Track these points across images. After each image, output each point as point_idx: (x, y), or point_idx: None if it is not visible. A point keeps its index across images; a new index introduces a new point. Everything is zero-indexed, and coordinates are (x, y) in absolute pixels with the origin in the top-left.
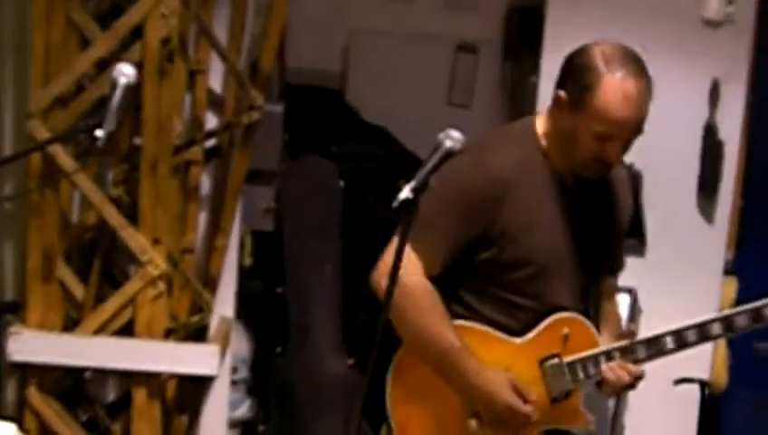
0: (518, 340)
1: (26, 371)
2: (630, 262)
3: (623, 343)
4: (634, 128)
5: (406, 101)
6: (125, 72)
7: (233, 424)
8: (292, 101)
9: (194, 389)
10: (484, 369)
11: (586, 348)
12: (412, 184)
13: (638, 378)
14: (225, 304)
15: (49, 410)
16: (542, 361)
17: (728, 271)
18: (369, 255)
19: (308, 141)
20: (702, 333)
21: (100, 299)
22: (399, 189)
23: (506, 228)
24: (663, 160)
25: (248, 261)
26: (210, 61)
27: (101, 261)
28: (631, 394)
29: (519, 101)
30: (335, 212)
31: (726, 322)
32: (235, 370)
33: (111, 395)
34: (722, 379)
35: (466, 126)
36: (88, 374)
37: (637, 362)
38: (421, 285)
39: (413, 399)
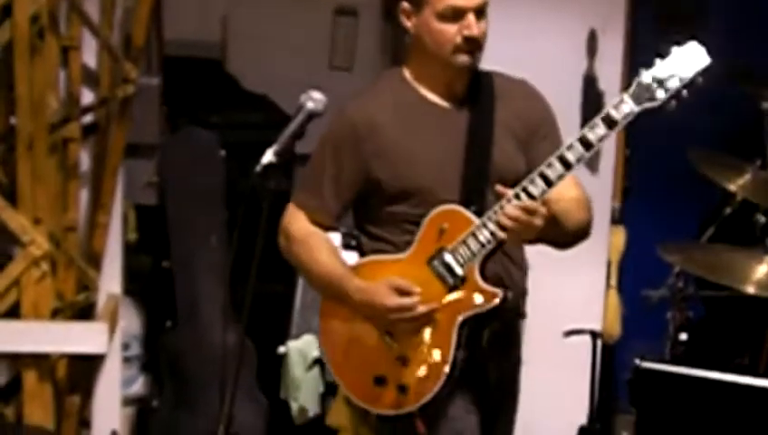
0: (405, 253)
1: None
2: None
3: (493, 208)
4: None
5: (287, 67)
6: None
7: (128, 401)
8: (171, 73)
9: (85, 368)
10: (364, 285)
11: (464, 231)
12: (275, 148)
13: (535, 212)
14: (111, 280)
15: None
16: (429, 261)
17: (616, 220)
18: (254, 224)
19: (188, 113)
20: (585, 141)
21: None
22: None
23: (384, 166)
24: None
25: (133, 236)
26: (83, 36)
27: None
28: (524, 349)
29: (401, 61)
30: (218, 182)
31: (607, 118)
32: (126, 346)
33: (1, 379)
34: (614, 329)
35: (349, 89)
36: None
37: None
38: (304, 230)
39: (340, 336)
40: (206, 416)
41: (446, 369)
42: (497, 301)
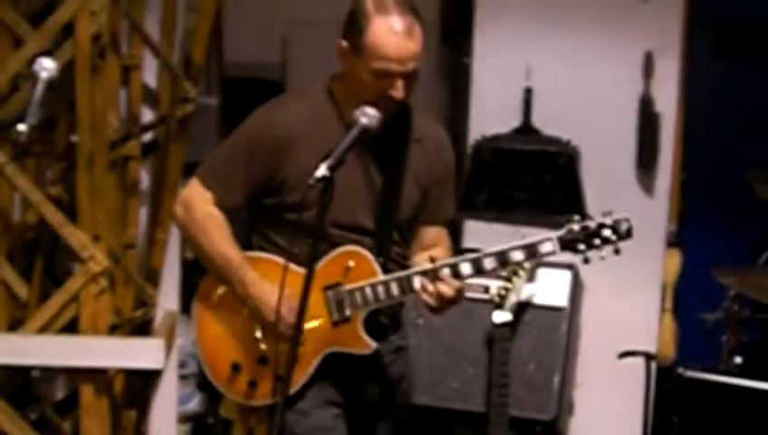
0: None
1: None
2: None
3: (402, 273)
4: (407, 61)
5: None
6: (46, 66)
7: (183, 418)
8: (231, 93)
9: (141, 384)
10: (261, 281)
11: (367, 279)
12: (329, 162)
13: (459, 291)
14: (169, 297)
15: None
16: (326, 288)
17: (672, 243)
18: None
19: None
20: (502, 258)
21: (44, 298)
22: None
23: (288, 177)
24: (600, 135)
25: (191, 254)
26: (144, 55)
27: (43, 260)
28: (579, 369)
29: (457, 83)
30: None
31: (530, 249)
32: (183, 364)
33: (60, 393)
34: (669, 351)
35: None
36: (36, 373)
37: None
38: (207, 212)
39: (214, 318)
40: None
41: (291, 390)
42: (367, 351)
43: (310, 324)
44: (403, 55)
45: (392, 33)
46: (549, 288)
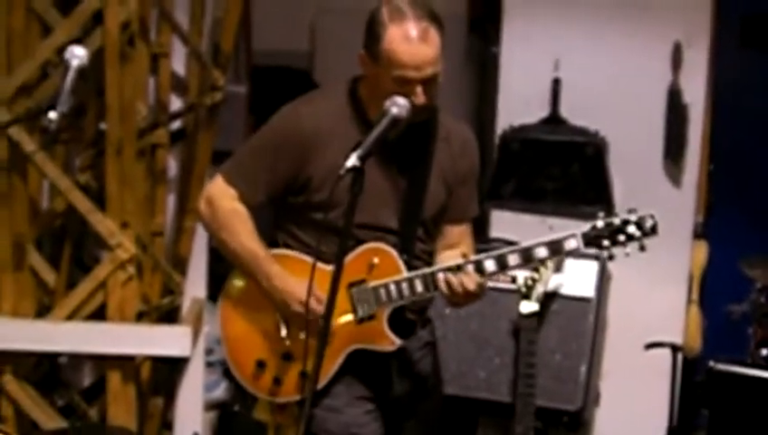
0: (329, 267)
1: (1, 358)
2: None
3: (426, 270)
4: (424, 67)
5: None
6: (77, 54)
7: (210, 406)
8: (259, 82)
9: (168, 371)
10: (286, 274)
11: (391, 276)
12: (359, 152)
13: (481, 286)
14: (196, 285)
15: (25, 396)
16: (350, 285)
17: (699, 235)
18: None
19: None
20: (526, 255)
21: (71, 285)
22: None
23: (314, 176)
24: (628, 126)
25: None
26: (173, 43)
27: (72, 247)
28: (605, 360)
29: (484, 72)
30: None
31: (553, 245)
32: (210, 351)
33: (87, 380)
34: (695, 342)
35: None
36: (63, 360)
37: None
38: (231, 207)
39: (239, 316)
40: None
41: (317, 386)
42: (392, 348)
43: (335, 321)
44: (419, 61)
45: (407, 41)
46: (576, 279)
